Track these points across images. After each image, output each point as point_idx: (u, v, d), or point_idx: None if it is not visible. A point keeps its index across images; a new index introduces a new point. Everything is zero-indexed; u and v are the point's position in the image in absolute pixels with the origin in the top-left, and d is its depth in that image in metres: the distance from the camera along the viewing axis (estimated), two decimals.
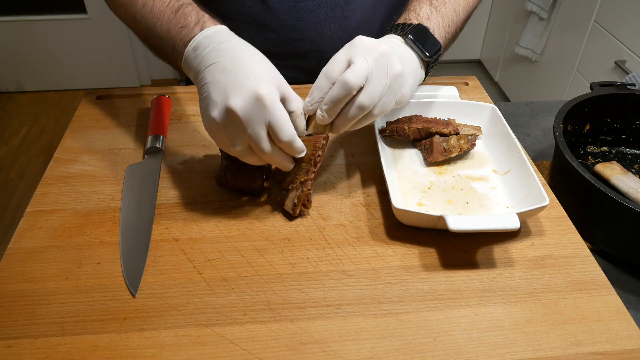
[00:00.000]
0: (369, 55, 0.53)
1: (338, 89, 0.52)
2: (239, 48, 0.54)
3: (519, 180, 0.61)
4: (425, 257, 0.55)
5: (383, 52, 0.54)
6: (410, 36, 0.60)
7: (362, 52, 0.53)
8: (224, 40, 0.54)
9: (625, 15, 1.62)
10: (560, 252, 0.56)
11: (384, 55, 0.54)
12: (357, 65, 0.52)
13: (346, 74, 0.52)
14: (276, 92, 0.51)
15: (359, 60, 0.52)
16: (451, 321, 0.49)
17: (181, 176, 0.65)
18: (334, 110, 0.54)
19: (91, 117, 0.76)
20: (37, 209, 0.60)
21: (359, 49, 0.53)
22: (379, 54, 0.53)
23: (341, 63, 0.53)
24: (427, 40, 0.61)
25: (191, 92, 0.82)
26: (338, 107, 0.54)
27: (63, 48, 2.56)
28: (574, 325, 0.49)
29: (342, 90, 0.52)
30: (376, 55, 0.53)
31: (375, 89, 0.53)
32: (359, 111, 0.54)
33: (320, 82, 0.54)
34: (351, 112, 0.54)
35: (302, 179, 0.57)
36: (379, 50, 0.53)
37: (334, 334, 0.48)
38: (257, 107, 0.50)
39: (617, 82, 0.77)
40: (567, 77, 1.96)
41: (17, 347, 0.46)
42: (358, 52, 0.53)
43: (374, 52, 0.53)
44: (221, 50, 0.53)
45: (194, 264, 0.54)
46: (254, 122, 0.50)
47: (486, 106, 0.71)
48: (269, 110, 0.50)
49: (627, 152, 0.79)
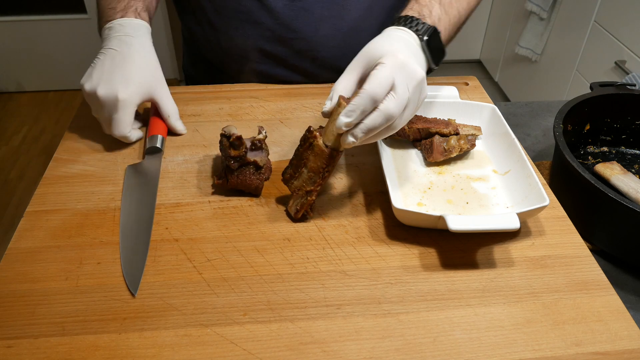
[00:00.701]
0: (410, 83, 0.53)
1: (381, 119, 0.52)
2: (136, 47, 0.67)
3: (519, 180, 0.61)
4: (425, 257, 0.55)
5: (421, 79, 0.54)
6: (425, 38, 0.59)
7: (405, 79, 0.53)
8: (131, 34, 0.67)
9: (625, 15, 1.62)
10: (560, 252, 0.56)
11: (422, 81, 0.54)
12: (399, 94, 0.52)
13: (391, 106, 0.52)
14: (135, 98, 0.66)
15: (401, 88, 0.52)
16: (451, 321, 0.49)
17: (181, 176, 0.65)
18: (368, 136, 0.53)
19: (91, 117, 0.76)
20: (37, 209, 0.60)
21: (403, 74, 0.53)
22: (417, 82, 0.54)
23: (387, 88, 0.52)
24: (437, 48, 0.61)
25: (191, 92, 0.82)
26: (372, 134, 0.53)
27: (63, 48, 2.56)
28: (574, 325, 0.49)
29: (384, 121, 0.52)
30: (415, 84, 0.53)
31: (409, 114, 0.55)
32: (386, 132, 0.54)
33: (365, 104, 0.51)
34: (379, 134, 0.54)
35: (308, 188, 0.57)
36: (417, 77, 0.54)
37: (334, 334, 0.48)
38: (111, 102, 0.64)
39: (617, 82, 0.77)
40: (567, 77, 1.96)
41: (17, 347, 0.46)
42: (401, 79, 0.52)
43: (414, 80, 0.53)
44: (123, 41, 0.67)
45: (194, 264, 0.54)
46: (104, 109, 0.66)
47: (486, 106, 0.71)
48: (117, 109, 0.65)
49: (627, 152, 0.79)
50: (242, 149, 0.59)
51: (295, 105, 0.79)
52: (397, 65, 0.53)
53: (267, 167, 0.64)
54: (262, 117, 0.77)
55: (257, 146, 0.61)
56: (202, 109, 0.78)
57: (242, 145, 0.59)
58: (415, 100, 0.55)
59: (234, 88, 0.84)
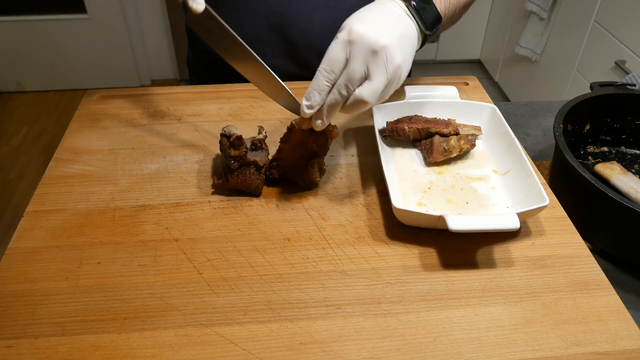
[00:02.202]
0: (369, 55, 0.51)
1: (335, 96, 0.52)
2: None
3: (519, 180, 0.61)
4: (425, 257, 0.55)
5: (383, 47, 0.52)
6: (413, 3, 0.57)
7: (360, 52, 0.51)
8: None
9: (625, 15, 1.62)
10: (560, 252, 0.56)
11: (384, 50, 0.52)
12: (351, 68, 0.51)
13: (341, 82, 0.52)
14: None
15: (358, 62, 0.51)
16: (451, 321, 0.49)
17: (181, 176, 0.65)
18: (334, 115, 0.54)
19: (91, 117, 0.76)
20: (37, 209, 0.60)
21: (358, 47, 0.52)
22: (380, 52, 0.51)
23: (340, 63, 0.52)
24: (430, 12, 0.58)
25: (191, 92, 0.82)
26: (335, 111, 0.53)
27: (63, 48, 2.56)
28: (574, 325, 0.49)
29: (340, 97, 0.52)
30: (371, 56, 0.52)
31: (378, 86, 0.52)
32: (360, 106, 0.53)
33: (322, 84, 0.53)
34: (350, 107, 0.53)
35: None
36: (378, 46, 0.51)
37: (334, 334, 0.48)
38: None
39: (617, 82, 0.77)
40: (567, 77, 1.96)
41: (17, 347, 0.46)
42: (357, 52, 0.51)
43: (375, 53, 0.51)
44: None
45: (194, 264, 0.54)
46: None
47: (486, 106, 0.71)
48: None
49: (627, 152, 0.79)
50: (242, 149, 0.59)
51: None
52: (351, 38, 0.52)
53: (267, 168, 0.64)
54: (262, 117, 0.77)
55: (257, 146, 0.61)
56: (202, 109, 0.78)
57: (242, 145, 0.59)
58: (379, 72, 0.52)
59: (234, 88, 0.84)
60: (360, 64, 0.51)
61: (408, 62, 0.55)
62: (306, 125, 0.57)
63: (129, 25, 2.53)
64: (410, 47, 0.56)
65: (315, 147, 0.60)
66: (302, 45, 0.83)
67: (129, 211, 0.60)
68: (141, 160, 0.68)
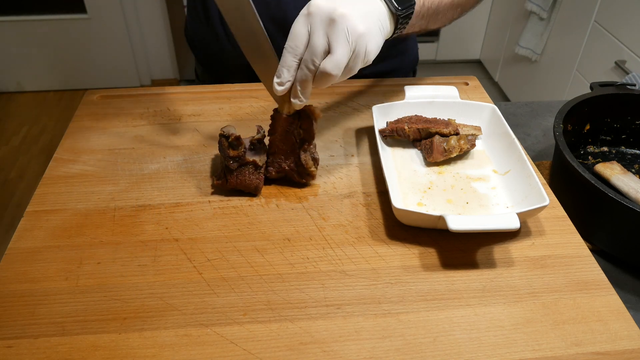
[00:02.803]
0: (328, 25, 0.51)
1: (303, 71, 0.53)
2: None
3: (519, 180, 0.61)
4: (425, 257, 0.55)
5: (342, 15, 0.51)
6: None
7: (319, 23, 0.51)
8: None
9: (625, 15, 1.62)
10: (560, 252, 0.56)
11: (344, 18, 0.51)
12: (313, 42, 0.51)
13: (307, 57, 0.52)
14: None
15: (318, 34, 0.51)
16: (451, 321, 0.49)
17: (181, 176, 0.65)
18: (309, 91, 0.55)
19: (91, 117, 0.76)
20: (37, 209, 0.60)
21: (316, 18, 0.51)
22: (338, 20, 0.51)
23: (303, 38, 0.52)
24: None
25: (191, 92, 0.82)
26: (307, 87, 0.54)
27: (63, 48, 2.56)
28: (574, 325, 0.49)
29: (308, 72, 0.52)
30: (328, 25, 0.51)
31: (341, 58, 0.51)
32: (326, 80, 0.53)
33: (288, 61, 0.53)
34: (317, 81, 0.53)
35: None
36: (336, 14, 0.51)
37: (334, 334, 0.48)
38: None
39: (617, 82, 0.77)
40: (567, 77, 1.96)
41: (17, 347, 0.46)
42: (316, 23, 0.51)
43: (333, 22, 0.51)
44: None
45: (194, 264, 0.54)
46: None
47: (486, 106, 0.71)
48: None
49: (627, 152, 0.79)
50: (240, 149, 0.59)
51: None
52: (310, 11, 0.52)
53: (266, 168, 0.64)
54: (262, 117, 0.77)
55: (256, 146, 0.61)
56: (202, 109, 0.78)
57: (240, 145, 0.59)
58: (340, 43, 0.51)
59: (234, 88, 0.84)
60: (320, 36, 0.51)
61: (374, 34, 0.54)
62: (287, 109, 0.59)
63: (129, 25, 2.53)
64: (378, 22, 0.55)
65: (303, 133, 0.61)
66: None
67: (129, 211, 0.60)
68: (141, 160, 0.68)
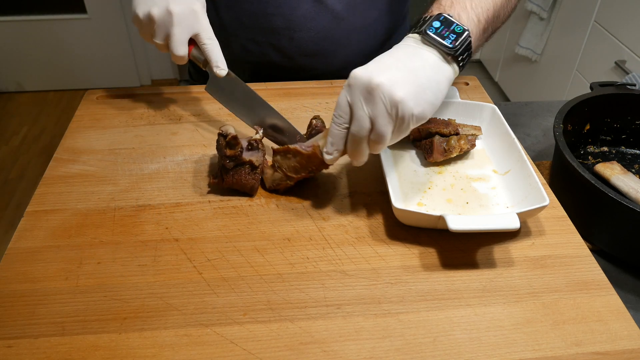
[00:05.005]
0: (367, 97, 0.51)
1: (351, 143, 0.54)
2: None
3: (519, 180, 0.61)
4: (425, 257, 0.55)
5: (378, 85, 0.50)
6: (428, 32, 0.54)
7: (358, 96, 0.51)
8: None
9: (625, 15, 1.62)
10: (560, 252, 0.56)
11: (379, 88, 0.50)
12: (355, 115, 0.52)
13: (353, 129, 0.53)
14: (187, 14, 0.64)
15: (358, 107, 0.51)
16: (451, 321, 0.49)
17: (181, 176, 0.65)
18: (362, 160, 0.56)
19: (91, 117, 0.76)
20: (37, 209, 0.60)
21: (355, 91, 0.51)
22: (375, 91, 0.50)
23: (346, 109, 0.53)
24: (449, 29, 0.55)
25: (191, 92, 0.82)
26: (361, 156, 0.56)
27: (63, 48, 2.56)
28: (574, 325, 0.49)
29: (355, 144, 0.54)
30: (366, 96, 0.51)
31: (383, 129, 0.51)
32: (376, 149, 0.54)
33: (335, 132, 0.54)
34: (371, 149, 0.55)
35: (289, 173, 0.60)
36: (372, 85, 0.50)
37: (334, 334, 0.48)
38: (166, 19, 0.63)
39: (617, 82, 0.77)
40: (567, 77, 1.96)
41: (17, 347, 0.46)
42: (355, 96, 0.52)
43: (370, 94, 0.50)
44: None
45: (194, 264, 0.54)
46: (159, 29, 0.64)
47: (486, 106, 0.71)
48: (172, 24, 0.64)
49: (627, 152, 0.79)
50: (237, 149, 0.59)
51: (295, 105, 0.79)
52: (349, 82, 0.52)
53: (263, 168, 0.64)
54: None
55: (253, 146, 0.61)
56: (202, 109, 0.78)
57: (237, 144, 0.59)
58: (379, 114, 0.51)
59: None
60: (360, 108, 0.51)
61: (419, 94, 0.52)
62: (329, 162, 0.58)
63: (129, 25, 2.53)
64: (425, 78, 0.53)
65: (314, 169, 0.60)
66: (284, 34, 0.83)
67: (129, 211, 0.60)
68: (141, 160, 0.68)
